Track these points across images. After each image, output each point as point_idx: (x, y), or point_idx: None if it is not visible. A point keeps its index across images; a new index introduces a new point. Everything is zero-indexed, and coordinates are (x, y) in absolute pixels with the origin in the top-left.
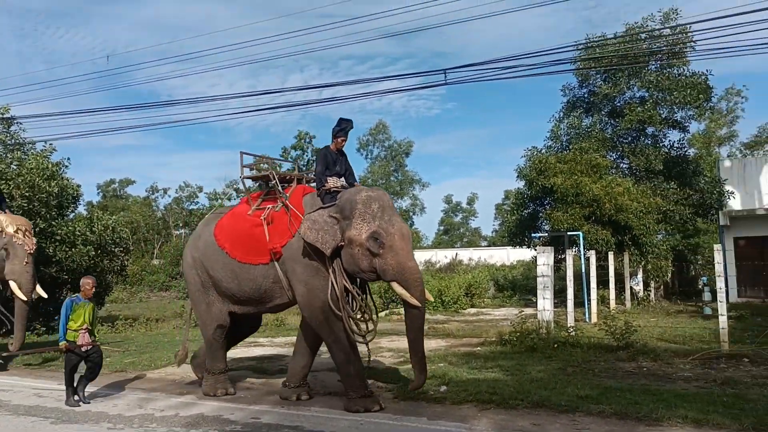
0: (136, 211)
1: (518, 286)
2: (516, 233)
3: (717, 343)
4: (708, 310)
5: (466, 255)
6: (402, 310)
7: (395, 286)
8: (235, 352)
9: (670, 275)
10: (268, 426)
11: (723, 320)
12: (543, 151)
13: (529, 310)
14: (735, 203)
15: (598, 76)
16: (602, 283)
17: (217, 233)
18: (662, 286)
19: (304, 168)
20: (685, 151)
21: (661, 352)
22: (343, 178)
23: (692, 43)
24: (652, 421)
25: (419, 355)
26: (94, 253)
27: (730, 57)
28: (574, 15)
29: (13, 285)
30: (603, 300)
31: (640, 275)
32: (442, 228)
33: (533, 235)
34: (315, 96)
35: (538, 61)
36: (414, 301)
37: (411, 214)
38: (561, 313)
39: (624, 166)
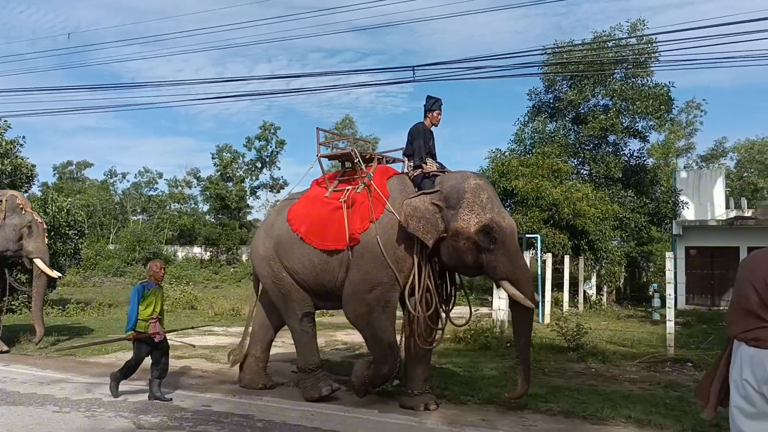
0: (92, 194)
1: (476, 286)
2: None
3: (663, 347)
4: (657, 316)
5: None
6: None
7: (506, 285)
8: (189, 340)
9: (623, 281)
10: (218, 414)
11: (670, 326)
12: (506, 153)
13: (484, 310)
14: (689, 213)
15: (564, 82)
16: (558, 285)
17: (292, 219)
18: (615, 291)
19: (267, 158)
20: (644, 161)
21: (609, 354)
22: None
23: (657, 54)
24: (597, 420)
25: (528, 363)
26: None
27: (691, 70)
28: (543, 21)
29: (39, 263)
30: (557, 302)
31: (594, 279)
32: None
33: None
34: (282, 86)
35: (506, 63)
36: (528, 303)
37: None
38: None
39: (585, 172)
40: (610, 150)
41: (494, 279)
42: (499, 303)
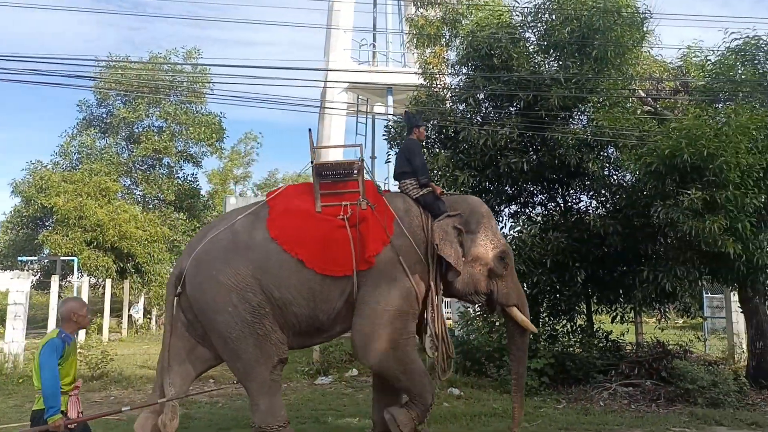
0: None
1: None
2: (8, 255)
3: None
4: None
5: None
6: None
7: (515, 311)
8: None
9: None
10: None
11: None
12: (49, 167)
13: None
14: None
15: (119, 98)
16: (99, 311)
17: (280, 238)
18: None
19: None
20: (197, 185)
21: (136, 379)
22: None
23: (210, 85)
24: None
25: (522, 390)
26: None
27: (244, 106)
28: (117, 33)
29: None
30: (100, 329)
31: (141, 303)
32: None
33: (20, 258)
34: None
35: (54, 68)
36: (533, 327)
37: None
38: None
39: (138, 193)
40: (165, 172)
41: (504, 305)
42: (14, 335)
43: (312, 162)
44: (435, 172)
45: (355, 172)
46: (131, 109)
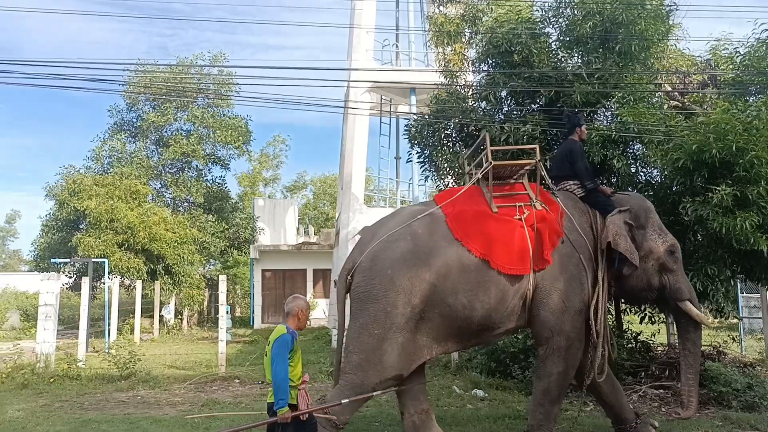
0: None
1: None
2: (45, 258)
3: (217, 367)
4: (229, 336)
5: None
6: None
7: (689, 306)
8: None
9: (206, 303)
10: None
11: (222, 345)
12: (81, 171)
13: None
14: (265, 239)
15: (148, 103)
16: (133, 311)
17: (463, 238)
18: (197, 314)
19: None
20: (226, 187)
21: (163, 379)
22: None
23: (236, 87)
24: None
25: (697, 382)
26: None
27: (270, 108)
28: (149, 40)
29: None
30: (132, 329)
31: (172, 304)
32: None
33: (53, 260)
34: None
35: (83, 73)
36: (708, 321)
37: None
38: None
39: (168, 196)
40: (193, 175)
41: (677, 300)
42: (45, 335)
43: (489, 163)
44: (456, 169)
45: (526, 172)
46: (160, 113)
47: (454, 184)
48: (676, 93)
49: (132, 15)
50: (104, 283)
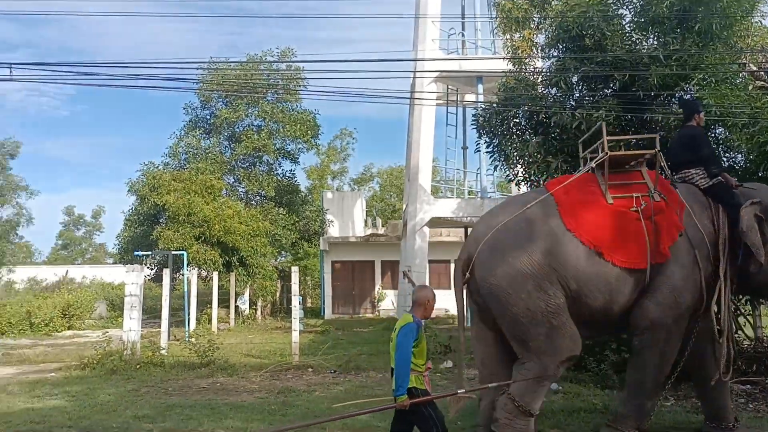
0: None
1: None
2: (128, 251)
3: (291, 356)
4: (301, 326)
5: (80, 272)
6: None
7: None
8: None
9: (278, 294)
10: None
11: (295, 335)
12: (160, 167)
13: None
14: (334, 231)
15: (220, 99)
16: (211, 302)
17: (576, 228)
18: (270, 305)
19: None
20: (295, 181)
21: (240, 367)
22: None
23: (304, 82)
24: None
25: None
26: None
27: (337, 101)
28: (220, 38)
29: None
30: (210, 319)
31: (247, 294)
32: (60, 242)
33: (136, 253)
34: None
35: (157, 73)
36: None
37: (15, 225)
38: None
39: (241, 190)
40: (264, 169)
41: None
42: (131, 324)
43: (606, 153)
44: (525, 158)
45: (643, 162)
46: (232, 109)
47: (523, 173)
48: (762, 73)
49: (202, 15)
50: (183, 275)
